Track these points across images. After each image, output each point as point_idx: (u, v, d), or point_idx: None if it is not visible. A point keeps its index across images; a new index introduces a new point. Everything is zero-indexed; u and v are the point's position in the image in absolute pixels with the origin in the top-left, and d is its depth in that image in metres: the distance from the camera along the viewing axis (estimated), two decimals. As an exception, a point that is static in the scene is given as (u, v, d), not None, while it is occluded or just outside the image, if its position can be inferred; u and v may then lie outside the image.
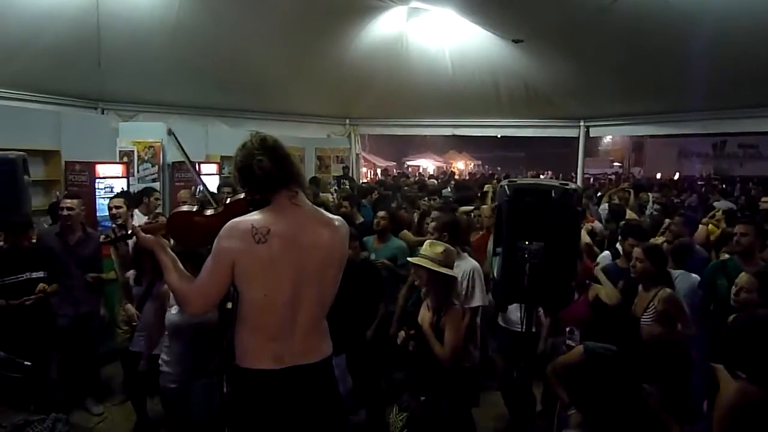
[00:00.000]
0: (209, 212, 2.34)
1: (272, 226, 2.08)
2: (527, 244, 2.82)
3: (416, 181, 14.29)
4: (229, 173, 8.87)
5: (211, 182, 8.31)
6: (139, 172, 8.53)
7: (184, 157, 2.63)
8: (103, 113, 9.40)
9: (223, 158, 9.39)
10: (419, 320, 3.52)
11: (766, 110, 8.73)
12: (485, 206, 6.23)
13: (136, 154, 8.54)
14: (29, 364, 2.64)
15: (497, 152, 36.63)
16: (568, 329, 4.00)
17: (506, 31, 8.17)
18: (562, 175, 22.99)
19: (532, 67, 9.14)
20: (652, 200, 9.15)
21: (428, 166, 33.15)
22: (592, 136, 11.78)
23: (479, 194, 8.43)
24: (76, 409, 4.66)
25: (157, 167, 8.68)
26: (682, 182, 21.16)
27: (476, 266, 4.06)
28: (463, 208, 6.71)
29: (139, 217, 5.93)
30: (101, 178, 7.40)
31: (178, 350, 3.50)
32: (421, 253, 3.50)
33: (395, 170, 24.44)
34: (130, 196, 6.11)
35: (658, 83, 8.60)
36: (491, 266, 3.40)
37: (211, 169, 9.23)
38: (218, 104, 10.57)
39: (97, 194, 7.18)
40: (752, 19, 6.32)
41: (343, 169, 13.10)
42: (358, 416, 4.37)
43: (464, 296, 3.88)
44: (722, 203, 9.52)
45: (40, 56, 7.38)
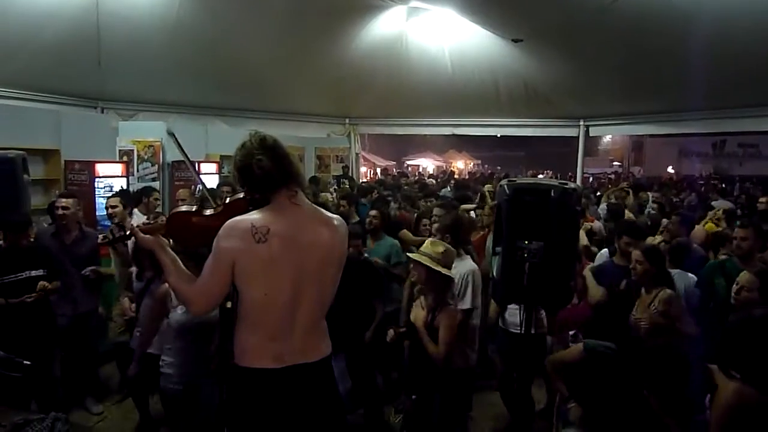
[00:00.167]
0: (209, 212, 2.33)
1: (272, 225, 2.08)
2: (527, 243, 2.83)
3: (416, 180, 14.26)
4: (228, 172, 8.87)
5: (210, 181, 8.33)
6: (138, 171, 8.54)
7: (183, 157, 2.62)
8: (102, 112, 9.38)
9: (222, 157, 9.39)
10: (412, 319, 3.52)
11: (765, 109, 8.71)
12: (487, 206, 6.23)
13: (135, 153, 8.54)
14: (28, 363, 2.64)
15: (497, 151, 36.65)
16: (572, 333, 4.00)
17: (506, 30, 8.16)
18: (560, 174, 22.97)
19: (531, 66, 9.13)
20: (651, 200, 9.16)
21: (428, 165, 33.14)
22: (591, 135, 11.74)
23: (478, 195, 8.40)
24: (75, 408, 4.65)
25: (156, 166, 8.69)
26: (681, 181, 21.16)
27: (474, 269, 4.04)
28: (464, 206, 6.71)
29: (138, 216, 5.93)
30: (101, 177, 7.42)
31: (183, 351, 3.48)
32: (421, 250, 3.51)
33: (395, 170, 24.43)
34: (127, 195, 6.10)
35: (657, 83, 8.59)
36: (491, 265, 3.41)
37: (210, 168, 9.24)
38: (218, 103, 10.56)
39: (96, 193, 7.20)
40: (752, 18, 6.31)
41: (342, 168, 13.10)
42: (356, 416, 4.36)
43: (457, 297, 3.88)
44: (720, 202, 9.53)
45: (39, 55, 7.37)
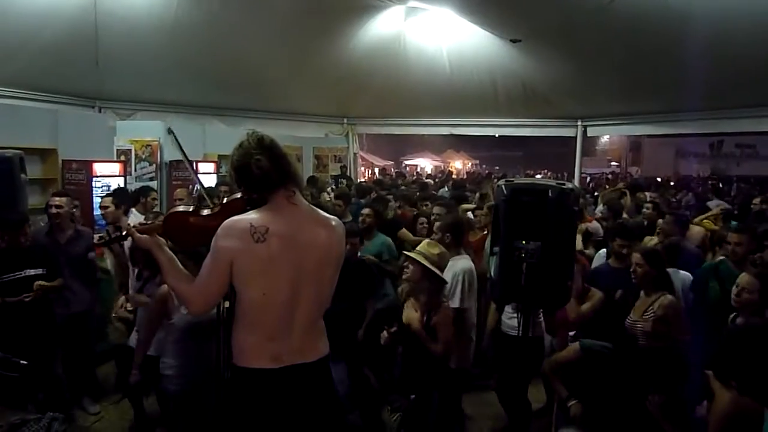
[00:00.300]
0: (206, 212, 2.32)
1: (270, 225, 2.09)
2: (524, 243, 2.83)
3: (413, 181, 14.17)
4: (226, 172, 8.85)
5: (208, 181, 8.32)
6: (136, 170, 8.52)
7: (182, 155, 2.62)
8: (100, 112, 9.36)
9: (220, 157, 9.38)
10: (405, 320, 3.50)
11: (763, 110, 8.73)
12: (485, 206, 6.22)
13: (133, 152, 8.53)
14: (25, 363, 2.64)
15: (495, 151, 36.68)
16: (571, 333, 4.01)
17: (504, 30, 8.17)
18: (558, 174, 23.01)
19: (529, 66, 9.14)
20: (649, 200, 9.14)
21: (426, 165, 33.13)
22: (589, 135, 11.77)
23: (477, 195, 8.40)
24: (73, 408, 4.62)
25: (154, 166, 8.67)
26: (679, 182, 21.17)
27: (468, 268, 4.02)
28: (464, 206, 6.71)
29: (136, 215, 5.92)
30: (98, 176, 7.41)
31: (186, 352, 3.46)
32: (418, 250, 3.51)
33: (393, 169, 24.42)
34: (121, 195, 6.02)
35: (655, 83, 8.60)
36: (488, 265, 3.41)
37: (208, 168, 9.23)
38: (216, 103, 10.55)
39: (94, 193, 7.18)
40: (750, 19, 6.32)
41: (341, 168, 13.09)
42: (353, 416, 4.36)
43: (449, 295, 3.88)
44: (716, 202, 9.54)
45: (37, 55, 7.35)
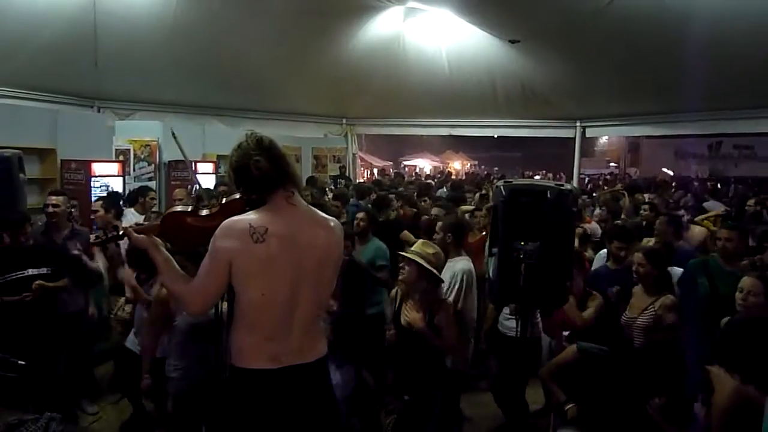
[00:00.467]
0: (204, 212, 2.31)
1: (270, 225, 2.08)
2: (523, 244, 2.83)
3: (411, 182, 14.05)
4: (225, 172, 8.84)
5: (207, 181, 8.32)
6: (135, 170, 8.52)
7: (184, 158, 2.62)
8: (99, 111, 9.34)
9: (219, 157, 9.38)
10: (409, 321, 3.48)
11: (761, 111, 8.75)
12: (484, 207, 6.22)
13: (132, 152, 8.53)
14: (23, 363, 2.63)
15: (494, 152, 36.63)
16: (566, 333, 4.01)
17: (503, 31, 8.18)
18: (555, 175, 23.02)
19: (528, 67, 9.15)
20: (647, 201, 9.14)
21: (425, 166, 33.15)
22: (588, 136, 11.78)
23: (481, 196, 8.38)
24: (72, 408, 4.62)
25: (153, 166, 8.67)
26: (677, 183, 21.17)
27: (467, 269, 4.00)
28: (462, 207, 6.69)
29: (135, 216, 5.91)
30: (97, 176, 7.41)
31: (190, 353, 3.45)
32: (413, 250, 3.51)
33: (392, 170, 24.43)
34: (111, 199, 5.89)
35: (654, 84, 8.62)
36: (487, 266, 3.41)
37: (207, 168, 9.23)
38: (215, 103, 10.54)
39: (92, 193, 7.18)
40: (748, 21, 6.34)
41: (339, 168, 13.10)
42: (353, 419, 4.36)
43: (446, 294, 3.88)
44: (711, 203, 9.55)
45: (36, 54, 7.35)
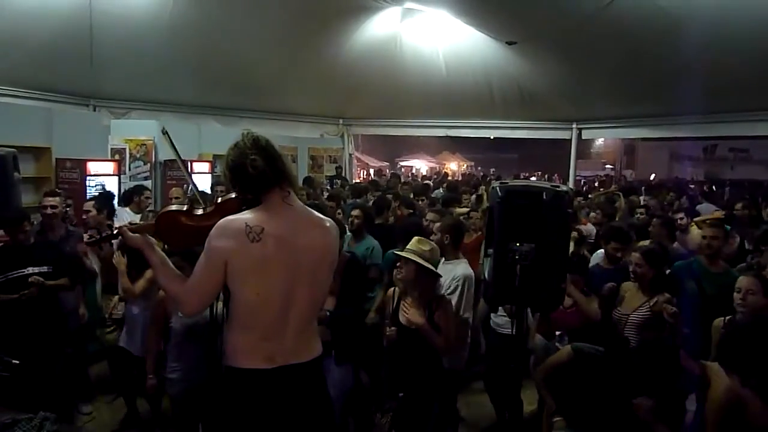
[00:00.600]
0: (199, 212, 2.31)
1: (266, 225, 2.08)
2: (518, 245, 2.83)
3: (405, 182, 13.91)
4: (221, 172, 8.83)
5: (203, 181, 8.31)
6: (130, 169, 8.51)
7: (175, 155, 2.61)
8: (95, 110, 9.29)
9: (215, 157, 9.37)
10: (405, 320, 3.47)
11: (757, 114, 8.77)
12: (480, 209, 6.22)
13: (127, 151, 8.51)
14: (17, 362, 2.62)
15: (490, 153, 36.62)
16: (558, 333, 4.02)
17: (500, 33, 8.19)
18: (550, 176, 23.07)
19: (525, 69, 9.16)
20: (642, 203, 9.18)
21: (421, 166, 33.19)
22: (584, 138, 11.77)
23: (473, 197, 8.39)
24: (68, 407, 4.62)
25: (149, 165, 8.66)
26: (673, 184, 21.24)
27: (468, 274, 3.99)
28: (458, 210, 6.69)
29: (129, 215, 5.90)
30: (92, 175, 7.39)
31: (186, 354, 3.46)
32: (408, 248, 3.51)
33: (388, 171, 24.44)
34: (103, 199, 5.85)
35: (650, 86, 8.64)
36: (483, 268, 3.41)
37: (203, 167, 9.22)
38: (211, 103, 10.50)
39: (88, 192, 7.17)
40: (744, 24, 6.36)
41: (336, 169, 13.10)
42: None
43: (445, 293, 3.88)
44: (705, 206, 9.57)
45: (32, 52, 7.32)
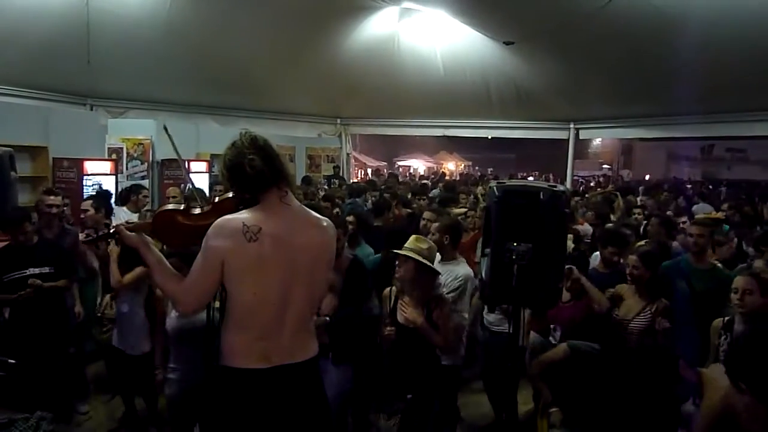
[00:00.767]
0: (196, 211, 2.30)
1: (263, 224, 2.08)
2: (515, 245, 2.83)
3: (401, 182, 13.93)
4: (218, 171, 8.81)
5: (200, 180, 8.31)
6: (127, 169, 8.50)
7: (175, 153, 2.61)
8: (92, 109, 9.23)
9: (213, 156, 9.36)
10: (404, 319, 3.48)
11: (754, 114, 8.78)
12: (478, 208, 6.23)
13: (125, 151, 8.50)
14: (13, 361, 2.62)
15: (488, 153, 36.64)
16: (552, 327, 4.03)
17: (497, 33, 8.19)
18: (551, 177, 23.10)
19: (522, 69, 9.16)
20: (639, 203, 9.20)
21: (419, 166, 33.21)
22: (581, 138, 11.78)
23: (471, 196, 8.40)
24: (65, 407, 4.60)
25: (146, 164, 8.65)
26: (671, 185, 21.28)
27: (470, 276, 4.03)
28: (455, 210, 6.69)
29: (127, 214, 5.90)
30: (89, 175, 7.39)
31: (181, 355, 3.47)
32: (406, 246, 3.52)
33: (386, 170, 24.44)
34: (101, 198, 5.83)
35: (647, 86, 8.65)
36: (480, 267, 3.42)
37: (201, 167, 9.22)
38: (209, 102, 10.46)
39: (84, 191, 7.16)
40: (742, 24, 6.37)
41: (333, 168, 13.09)
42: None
43: (447, 292, 3.89)
44: (701, 206, 9.60)
45: (28, 51, 7.29)
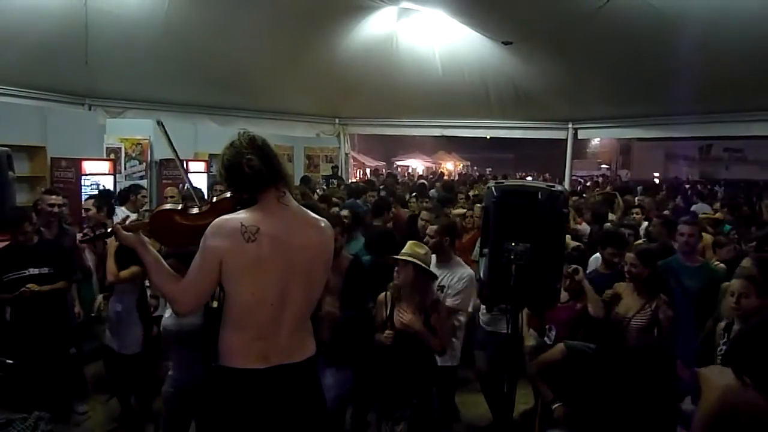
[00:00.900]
0: (194, 211, 2.30)
1: (261, 224, 2.08)
2: (513, 245, 2.83)
3: (399, 182, 13.93)
4: (216, 171, 8.80)
5: (199, 180, 8.30)
6: (126, 169, 8.48)
7: (172, 152, 2.60)
8: (90, 109, 9.23)
9: (211, 156, 9.35)
10: (401, 324, 3.46)
11: (752, 114, 8.81)
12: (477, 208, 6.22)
13: (123, 150, 8.48)
14: (11, 362, 2.62)
15: (486, 153, 36.62)
16: (547, 326, 4.03)
17: (496, 32, 8.19)
18: (550, 177, 23.11)
19: (521, 68, 9.17)
20: (637, 203, 9.19)
21: (417, 166, 33.20)
22: (580, 138, 11.80)
23: (470, 197, 8.39)
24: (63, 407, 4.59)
25: (144, 164, 8.63)
26: (669, 185, 21.30)
27: (473, 275, 4.01)
28: (455, 211, 6.69)
29: (126, 214, 5.88)
30: (87, 174, 7.37)
31: (177, 355, 3.48)
32: (405, 252, 3.51)
33: (384, 170, 24.44)
34: (103, 197, 5.81)
35: (645, 87, 8.66)
36: (478, 267, 3.42)
37: (199, 167, 9.20)
38: (207, 102, 10.46)
39: (83, 191, 7.14)
40: (740, 24, 6.38)
41: (332, 168, 13.08)
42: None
43: (451, 296, 3.91)
44: (699, 206, 9.61)
45: (27, 51, 7.29)
